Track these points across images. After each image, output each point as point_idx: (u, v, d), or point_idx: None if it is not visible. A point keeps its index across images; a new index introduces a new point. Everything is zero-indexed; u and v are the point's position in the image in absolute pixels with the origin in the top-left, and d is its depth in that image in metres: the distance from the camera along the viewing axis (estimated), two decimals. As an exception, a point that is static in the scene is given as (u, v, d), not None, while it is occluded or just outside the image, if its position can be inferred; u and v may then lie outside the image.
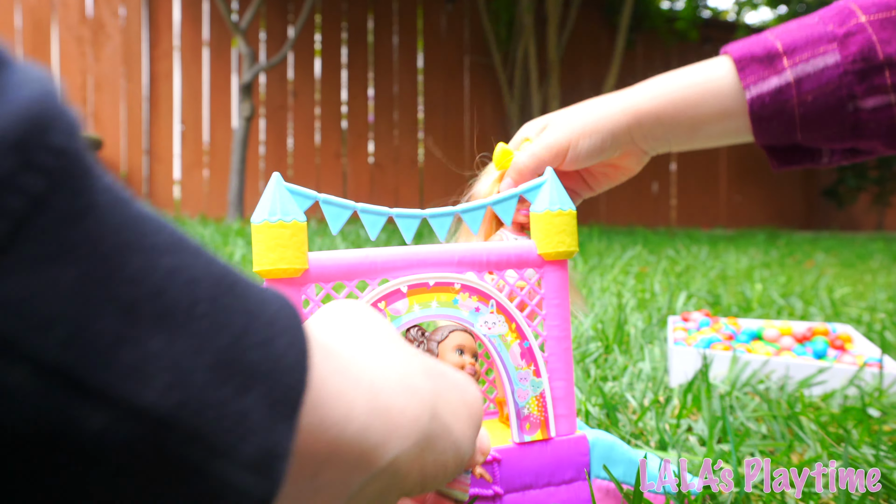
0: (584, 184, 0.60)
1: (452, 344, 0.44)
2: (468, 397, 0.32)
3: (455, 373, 0.33)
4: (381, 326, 0.31)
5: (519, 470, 0.46)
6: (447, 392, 0.30)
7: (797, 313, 1.47)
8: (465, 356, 0.44)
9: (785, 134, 0.53)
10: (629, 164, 0.58)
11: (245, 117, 3.69)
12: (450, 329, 0.45)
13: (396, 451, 0.25)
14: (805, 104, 0.51)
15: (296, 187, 0.41)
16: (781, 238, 4.37)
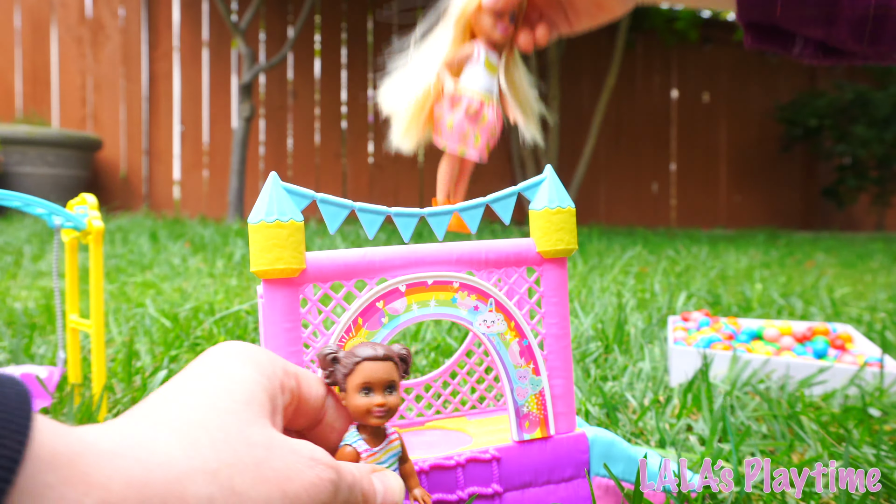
0: (564, 18, 0.60)
1: (357, 381, 0.37)
2: (297, 486, 0.29)
3: (281, 461, 0.29)
4: (215, 394, 0.30)
5: (518, 468, 0.46)
6: (247, 491, 0.27)
7: (797, 313, 1.47)
8: (373, 395, 0.37)
9: (766, 5, 0.52)
10: (614, 3, 0.57)
11: (245, 118, 3.69)
12: (357, 358, 0.37)
13: None
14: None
15: (293, 187, 0.41)
16: (781, 238, 4.36)
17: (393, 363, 0.37)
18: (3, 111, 3.99)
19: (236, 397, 0.30)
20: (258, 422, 0.30)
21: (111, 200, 4.16)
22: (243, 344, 0.35)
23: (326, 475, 0.31)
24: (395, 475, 0.37)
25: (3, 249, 2.23)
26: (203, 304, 1.33)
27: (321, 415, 0.38)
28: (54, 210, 0.80)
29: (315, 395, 0.37)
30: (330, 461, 0.32)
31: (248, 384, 0.32)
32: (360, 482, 0.34)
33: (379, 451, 0.37)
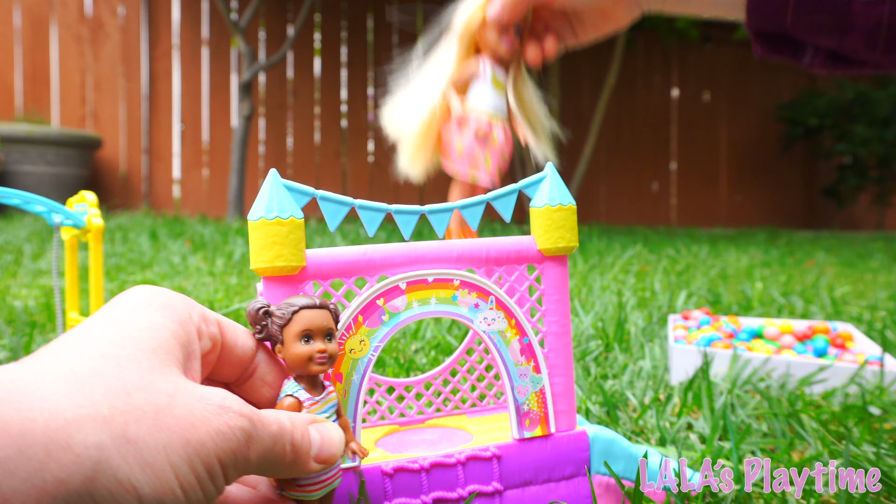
0: (569, 28, 0.59)
1: (296, 329, 0.36)
2: (202, 433, 0.28)
3: (186, 400, 0.28)
4: (120, 334, 0.29)
5: (519, 466, 0.46)
6: (144, 438, 0.26)
7: (798, 312, 1.47)
8: (314, 342, 0.36)
9: (777, 13, 0.51)
10: (619, 13, 0.57)
11: (244, 116, 3.69)
12: (294, 307, 0.36)
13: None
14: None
15: (293, 184, 0.41)
16: (782, 237, 4.36)
17: (329, 311, 0.37)
18: (3, 110, 3.99)
19: (141, 345, 0.29)
20: (164, 370, 0.29)
21: (111, 199, 4.16)
22: (157, 289, 0.34)
23: (236, 423, 0.29)
24: (335, 426, 0.36)
25: (3, 248, 2.23)
26: (203, 303, 1.33)
27: (252, 368, 0.37)
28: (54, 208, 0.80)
29: (242, 346, 0.37)
30: (244, 410, 0.30)
31: (157, 331, 0.31)
32: (290, 432, 0.33)
33: (320, 400, 0.37)
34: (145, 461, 0.26)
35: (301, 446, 0.33)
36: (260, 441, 0.30)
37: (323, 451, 0.34)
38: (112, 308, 0.32)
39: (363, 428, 0.54)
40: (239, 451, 0.29)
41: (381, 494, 0.43)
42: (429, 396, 0.56)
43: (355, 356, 0.42)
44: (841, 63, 0.54)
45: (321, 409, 0.37)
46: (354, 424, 0.42)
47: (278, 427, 0.32)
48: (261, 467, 0.31)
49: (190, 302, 0.35)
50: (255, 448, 0.30)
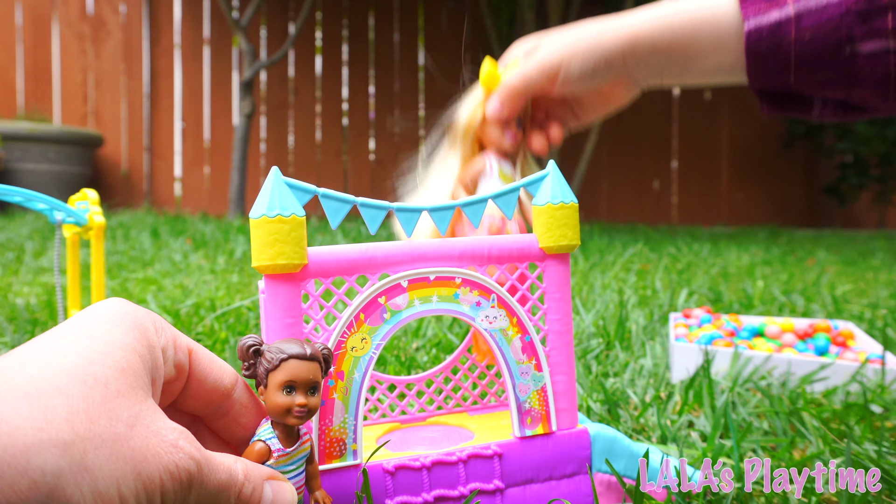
0: (571, 113, 0.59)
1: (281, 378, 0.35)
2: (153, 468, 0.28)
3: (149, 432, 0.28)
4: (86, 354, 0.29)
5: (520, 464, 0.46)
6: (100, 467, 0.26)
7: (799, 310, 1.47)
8: (296, 395, 0.35)
9: (778, 73, 0.51)
10: (619, 93, 0.57)
11: (246, 114, 3.69)
12: (283, 355, 0.35)
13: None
14: (802, 42, 0.49)
15: (295, 181, 0.41)
16: (783, 236, 4.36)
17: (318, 364, 0.36)
18: (5, 108, 3.99)
19: (111, 363, 0.29)
20: (129, 395, 0.29)
21: (112, 197, 4.16)
22: (130, 306, 0.33)
23: (184, 464, 0.29)
24: (291, 489, 0.35)
25: (4, 245, 2.23)
26: (204, 301, 1.33)
27: (227, 406, 0.37)
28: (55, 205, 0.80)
29: (215, 381, 0.36)
30: (195, 453, 0.30)
31: (128, 353, 0.30)
32: (239, 485, 0.32)
33: (292, 451, 0.36)
34: (98, 490, 0.26)
35: (249, 501, 0.33)
36: (203, 487, 0.30)
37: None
38: (84, 320, 0.32)
39: (364, 426, 0.54)
40: (179, 491, 0.29)
41: (382, 492, 0.43)
42: (430, 394, 0.57)
43: (357, 354, 0.42)
44: (852, 111, 0.54)
45: (290, 461, 0.36)
46: (356, 423, 0.42)
47: (227, 477, 0.32)
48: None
49: (161, 324, 0.34)
50: (196, 493, 0.30)
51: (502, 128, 0.55)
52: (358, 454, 0.43)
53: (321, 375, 0.36)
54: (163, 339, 0.33)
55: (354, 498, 0.42)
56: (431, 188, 0.56)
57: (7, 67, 4.02)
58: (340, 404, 0.42)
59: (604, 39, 0.52)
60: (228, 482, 0.32)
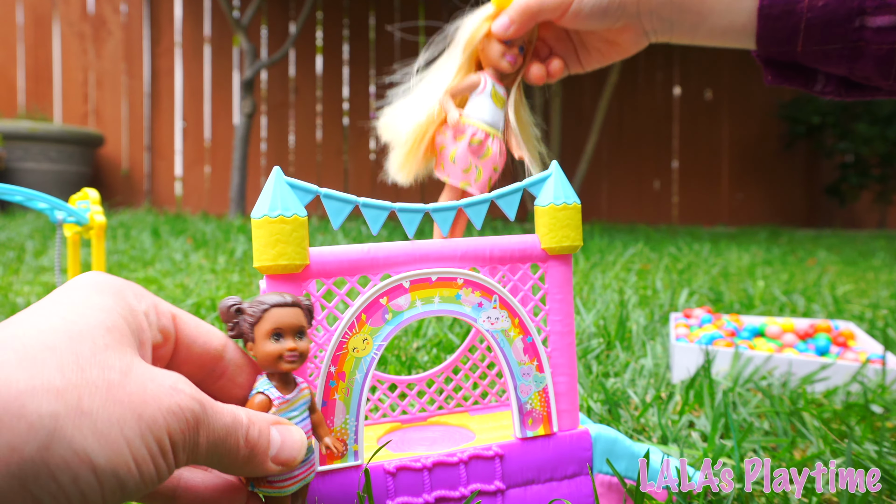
0: (574, 56, 0.59)
1: (266, 327, 0.36)
2: (154, 410, 0.28)
3: (136, 382, 0.28)
4: (75, 310, 0.29)
5: (521, 465, 0.46)
6: (98, 411, 0.26)
7: (799, 310, 1.47)
8: (284, 340, 0.36)
9: (787, 41, 0.51)
10: (626, 41, 0.57)
11: (246, 114, 3.69)
12: (264, 305, 0.36)
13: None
14: (814, 9, 0.49)
15: (296, 181, 0.41)
16: (783, 236, 4.36)
17: (300, 309, 0.37)
18: (6, 107, 3.99)
19: (94, 322, 0.29)
20: (118, 348, 0.29)
21: (113, 196, 4.16)
22: (107, 276, 0.34)
23: (187, 404, 0.29)
24: (299, 430, 0.35)
25: (5, 245, 2.23)
26: (205, 300, 1.33)
27: (221, 368, 0.37)
28: (56, 205, 0.80)
29: (203, 343, 0.36)
30: (196, 394, 0.30)
31: (110, 313, 0.31)
32: (245, 427, 0.32)
33: (292, 398, 0.37)
34: (100, 432, 0.26)
35: (258, 444, 0.33)
36: (210, 428, 0.30)
37: (283, 453, 0.34)
38: (62, 292, 0.32)
39: (365, 425, 0.54)
40: (189, 432, 0.29)
41: (383, 493, 0.43)
42: (431, 394, 0.57)
43: (358, 355, 0.42)
44: (854, 90, 0.54)
45: (291, 407, 0.37)
46: (357, 424, 0.42)
47: (232, 419, 0.32)
48: (213, 458, 0.31)
49: (140, 291, 0.34)
50: (205, 433, 0.30)
51: (505, 48, 0.54)
52: (359, 455, 0.43)
53: (305, 321, 0.37)
54: (143, 304, 0.33)
55: (356, 498, 0.42)
56: (421, 94, 0.56)
57: (8, 67, 4.02)
58: (342, 405, 0.42)
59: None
60: (233, 424, 0.32)
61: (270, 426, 0.34)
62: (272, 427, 0.34)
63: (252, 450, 0.33)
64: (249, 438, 0.33)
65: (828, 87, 0.55)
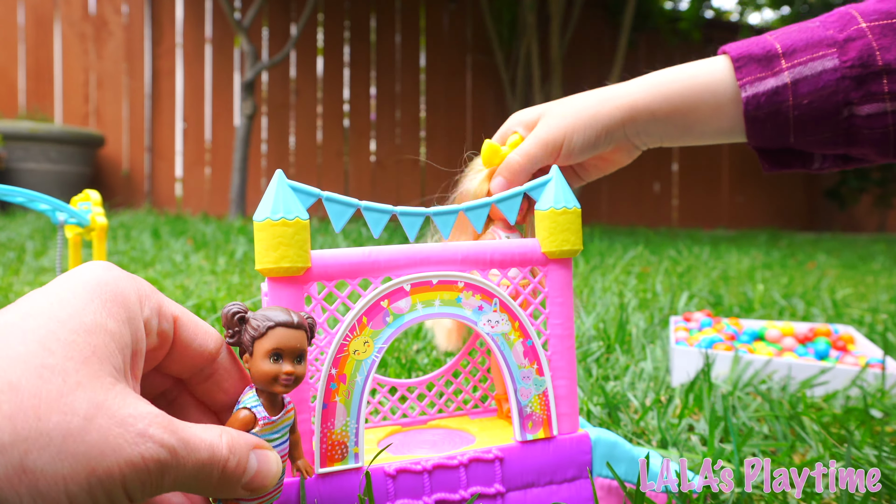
0: (574, 175, 0.61)
1: (268, 346, 0.34)
2: (111, 463, 0.27)
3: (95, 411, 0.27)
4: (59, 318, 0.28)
5: (521, 468, 0.46)
6: (43, 468, 0.25)
7: (799, 314, 1.47)
8: (282, 363, 0.35)
9: (778, 136, 0.52)
10: (620, 157, 0.58)
11: (247, 115, 3.69)
12: (270, 322, 0.35)
13: None
14: (800, 107, 0.50)
15: (299, 184, 0.41)
16: (783, 239, 4.36)
17: (304, 332, 0.36)
18: (7, 107, 4.00)
19: (73, 353, 0.28)
20: (91, 383, 0.28)
21: (113, 197, 4.16)
22: (111, 274, 0.32)
23: (152, 454, 0.28)
24: (276, 458, 0.34)
25: (6, 245, 2.23)
26: (205, 302, 1.33)
27: (211, 370, 0.37)
28: (58, 206, 0.80)
29: (200, 345, 0.36)
30: (166, 439, 0.29)
31: (97, 335, 0.29)
32: (223, 461, 0.31)
33: (277, 419, 0.36)
34: (39, 492, 0.25)
35: (233, 475, 0.32)
36: (179, 470, 0.29)
37: (255, 481, 0.33)
38: (58, 294, 0.30)
39: (365, 428, 0.54)
40: (149, 480, 0.28)
41: (383, 495, 0.43)
42: (431, 397, 0.57)
43: (359, 357, 0.42)
44: (853, 161, 0.55)
45: (275, 429, 0.36)
46: (357, 426, 0.42)
47: (209, 455, 0.31)
48: (182, 489, 0.30)
49: (145, 292, 0.33)
50: (172, 476, 0.29)
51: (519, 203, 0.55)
52: (359, 457, 0.43)
53: (307, 344, 0.36)
54: (147, 308, 0.33)
55: (356, 501, 0.42)
56: None
57: (9, 67, 4.02)
58: (342, 407, 0.42)
59: (604, 111, 0.54)
60: (210, 461, 0.31)
61: (250, 451, 0.33)
62: (251, 452, 0.33)
63: (226, 479, 0.32)
64: (227, 469, 0.32)
65: (825, 164, 0.56)
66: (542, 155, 0.53)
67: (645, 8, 5.15)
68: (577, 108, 0.54)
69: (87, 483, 0.26)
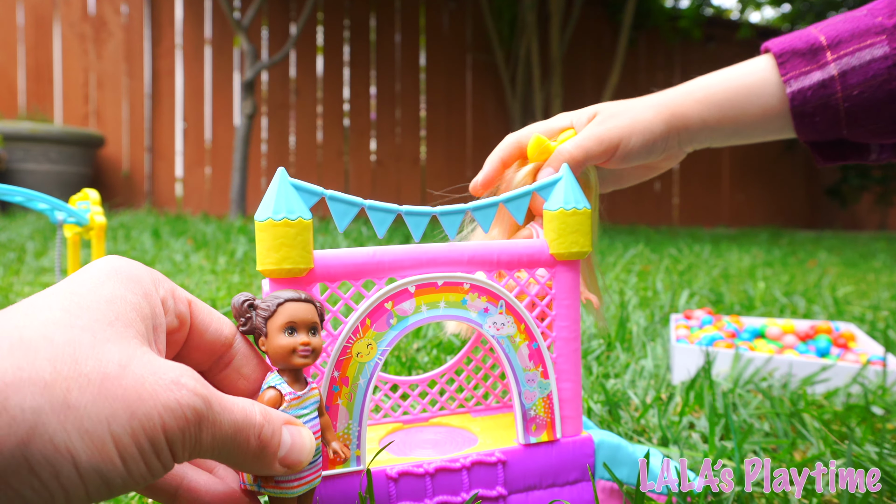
0: (612, 179, 0.60)
1: (281, 321, 0.35)
2: (149, 406, 0.27)
3: (129, 376, 0.27)
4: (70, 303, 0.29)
5: (524, 471, 0.46)
6: (86, 406, 0.26)
7: (800, 311, 1.47)
8: (297, 335, 0.35)
9: (830, 129, 0.51)
10: (666, 164, 0.58)
11: (247, 115, 3.69)
12: (279, 299, 0.36)
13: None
14: (850, 98, 0.49)
15: (301, 183, 0.40)
16: (784, 237, 4.36)
17: (314, 306, 0.36)
18: (6, 108, 3.99)
19: (98, 317, 0.29)
20: (121, 341, 0.28)
21: (114, 197, 4.16)
22: (124, 260, 0.33)
23: (187, 401, 0.28)
24: (308, 432, 0.35)
25: (6, 245, 2.23)
26: (205, 301, 1.33)
27: (228, 358, 0.37)
28: (57, 205, 0.81)
29: (215, 331, 0.36)
30: (200, 389, 0.29)
31: (117, 304, 0.30)
32: (258, 426, 0.32)
33: (303, 395, 0.36)
34: (84, 429, 0.25)
35: (269, 444, 0.32)
36: (216, 424, 0.30)
37: (291, 455, 0.33)
38: (75, 278, 0.31)
39: (367, 425, 0.54)
40: (188, 429, 0.28)
41: (385, 498, 0.42)
42: (433, 395, 0.56)
43: (362, 360, 0.42)
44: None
45: (302, 404, 0.36)
46: (360, 429, 0.42)
47: (243, 416, 0.31)
48: (219, 453, 0.31)
49: (158, 277, 0.34)
50: (209, 430, 0.29)
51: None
52: (361, 460, 0.42)
53: (318, 318, 0.37)
54: (161, 290, 0.33)
55: (358, 503, 0.42)
56: None
57: (8, 68, 4.02)
58: (345, 410, 0.42)
59: (659, 119, 0.53)
60: (245, 422, 0.31)
61: (282, 426, 0.33)
62: (284, 427, 0.34)
63: (263, 448, 0.32)
64: (262, 437, 0.32)
65: (883, 154, 0.55)
66: (598, 152, 0.52)
67: (645, 6, 5.15)
68: (633, 114, 0.53)
69: (129, 426, 0.26)
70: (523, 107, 4.86)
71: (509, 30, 4.97)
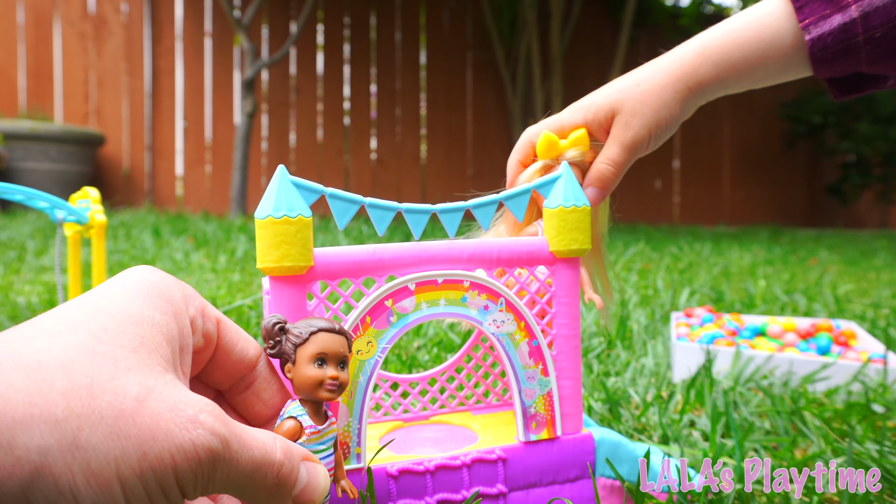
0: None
1: (312, 351, 0.34)
2: (162, 447, 0.26)
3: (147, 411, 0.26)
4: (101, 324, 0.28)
5: (524, 469, 0.46)
6: (95, 446, 0.25)
7: (801, 310, 1.47)
8: (327, 367, 0.34)
9: (848, 69, 0.50)
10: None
11: (247, 113, 3.69)
12: (313, 328, 0.35)
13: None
14: (872, 41, 0.47)
15: (301, 181, 0.40)
16: (785, 235, 4.36)
17: (345, 339, 0.35)
18: (7, 107, 3.99)
19: (122, 342, 0.28)
20: (141, 370, 0.27)
21: (114, 196, 4.16)
22: (158, 275, 0.32)
23: (203, 441, 0.27)
24: (324, 471, 0.33)
25: (6, 244, 2.23)
26: (206, 300, 1.33)
27: (249, 380, 0.36)
28: (57, 204, 0.80)
29: (240, 351, 0.36)
30: (218, 428, 0.28)
31: (144, 327, 0.29)
32: (278, 464, 0.31)
33: (323, 429, 0.35)
34: (91, 470, 0.25)
35: (287, 482, 0.31)
36: (231, 463, 0.29)
37: (304, 494, 0.32)
38: (106, 291, 0.31)
39: (368, 423, 0.54)
40: (200, 470, 0.27)
41: (385, 496, 0.42)
42: (433, 393, 0.56)
43: (362, 357, 0.42)
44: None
45: (321, 439, 0.35)
46: (360, 427, 0.42)
47: (262, 454, 0.30)
48: (233, 490, 0.30)
49: (190, 293, 0.33)
50: (224, 470, 0.28)
51: None
52: (361, 458, 0.42)
53: (349, 351, 0.36)
54: (191, 308, 0.33)
55: (358, 501, 0.42)
56: None
57: (9, 66, 4.02)
58: (345, 408, 0.42)
59: (679, 98, 0.52)
60: (264, 460, 0.30)
61: (301, 462, 0.32)
62: (301, 463, 0.32)
63: (280, 487, 0.31)
64: (281, 475, 0.31)
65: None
66: (632, 160, 0.52)
67: (646, 4, 5.15)
68: (654, 104, 0.52)
69: (138, 467, 0.26)
70: (524, 105, 4.86)
71: (510, 28, 4.96)
